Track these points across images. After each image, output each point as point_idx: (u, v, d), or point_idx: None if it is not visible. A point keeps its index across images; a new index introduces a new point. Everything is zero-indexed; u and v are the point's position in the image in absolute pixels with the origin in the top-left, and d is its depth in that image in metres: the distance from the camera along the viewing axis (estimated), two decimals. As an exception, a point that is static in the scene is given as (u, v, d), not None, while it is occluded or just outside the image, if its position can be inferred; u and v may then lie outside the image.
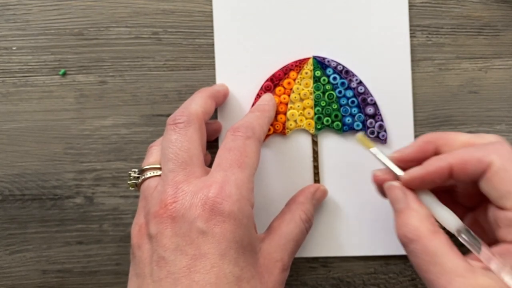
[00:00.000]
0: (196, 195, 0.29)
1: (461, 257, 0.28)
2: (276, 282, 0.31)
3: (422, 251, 0.29)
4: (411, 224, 0.30)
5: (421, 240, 0.29)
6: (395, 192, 0.31)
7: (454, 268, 0.28)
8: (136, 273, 0.30)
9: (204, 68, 0.40)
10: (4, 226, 0.40)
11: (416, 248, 0.29)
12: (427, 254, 0.29)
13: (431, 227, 0.29)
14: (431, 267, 0.28)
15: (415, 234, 0.29)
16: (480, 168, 0.29)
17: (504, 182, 0.28)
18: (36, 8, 0.40)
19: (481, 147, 0.30)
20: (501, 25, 0.39)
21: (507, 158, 0.29)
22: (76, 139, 0.40)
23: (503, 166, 0.28)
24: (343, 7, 0.39)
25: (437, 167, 0.30)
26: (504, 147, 0.29)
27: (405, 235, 0.30)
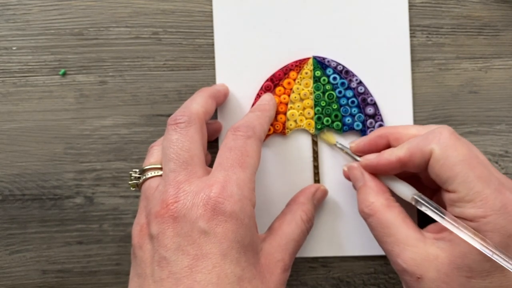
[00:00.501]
0: (197, 195, 0.29)
1: (413, 228, 0.31)
2: (278, 282, 0.31)
3: (377, 224, 0.32)
4: (367, 199, 0.33)
5: (376, 214, 0.32)
6: (354, 172, 0.35)
7: (406, 238, 0.31)
8: (137, 273, 0.30)
9: (204, 68, 0.40)
10: (4, 226, 0.40)
11: (372, 221, 0.33)
12: (382, 226, 0.32)
13: (385, 202, 0.33)
14: (386, 238, 0.32)
15: (371, 209, 0.33)
16: (424, 158, 0.31)
17: (445, 168, 0.30)
18: (36, 8, 0.40)
19: (423, 137, 0.32)
20: (501, 25, 0.40)
21: (446, 145, 0.30)
22: (76, 139, 0.40)
23: (443, 153, 0.30)
24: (343, 7, 0.39)
25: (387, 160, 0.33)
26: (443, 133, 0.31)
27: (363, 210, 0.33)
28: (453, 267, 0.29)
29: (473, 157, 0.30)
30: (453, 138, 0.31)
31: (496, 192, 0.29)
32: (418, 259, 0.30)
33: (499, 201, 0.28)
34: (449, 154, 0.30)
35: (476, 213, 0.29)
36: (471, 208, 0.29)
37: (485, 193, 0.29)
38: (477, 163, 0.30)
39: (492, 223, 0.28)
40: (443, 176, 0.30)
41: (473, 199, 0.29)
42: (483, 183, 0.29)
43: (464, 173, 0.29)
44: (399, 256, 0.31)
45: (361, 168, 0.35)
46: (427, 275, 0.30)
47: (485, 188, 0.29)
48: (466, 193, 0.29)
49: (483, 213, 0.29)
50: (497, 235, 0.28)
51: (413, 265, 0.30)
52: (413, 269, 0.30)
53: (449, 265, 0.29)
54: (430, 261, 0.30)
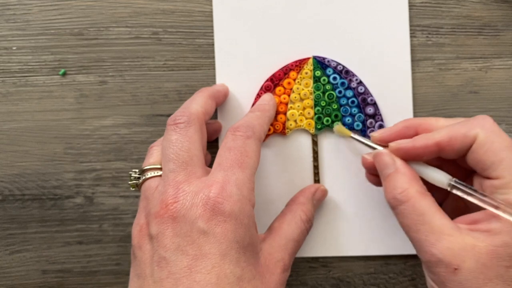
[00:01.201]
0: (197, 195, 0.29)
1: (448, 218, 0.30)
2: (277, 282, 0.31)
3: (411, 211, 0.31)
4: (400, 186, 0.31)
5: (410, 200, 0.31)
6: (383, 159, 0.33)
7: (442, 227, 0.30)
8: (137, 274, 0.30)
9: (204, 68, 0.40)
10: (4, 226, 0.40)
11: (405, 209, 0.31)
12: (416, 213, 0.30)
13: (420, 189, 0.31)
14: (420, 226, 0.30)
15: (404, 195, 0.31)
16: (466, 142, 0.30)
17: (489, 154, 0.30)
18: (36, 8, 0.40)
19: (465, 122, 0.31)
20: (501, 25, 0.40)
21: (491, 130, 0.30)
22: (76, 139, 0.40)
23: (488, 138, 0.30)
24: (343, 7, 0.39)
25: (424, 144, 0.32)
26: (486, 120, 0.31)
27: (394, 197, 0.31)
28: (493, 256, 0.28)
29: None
30: (496, 125, 0.30)
31: None
32: (455, 249, 0.29)
33: None
34: (494, 139, 0.30)
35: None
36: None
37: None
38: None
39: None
40: (487, 161, 0.30)
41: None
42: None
43: (510, 158, 0.29)
44: (435, 245, 0.29)
45: (391, 154, 0.33)
46: (464, 265, 0.29)
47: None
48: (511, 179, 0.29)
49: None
50: None
51: (450, 255, 0.29)
52: (449, 259, 0.29)
53: (488, 254, 0.28)
54: (468, 250, 0.29)
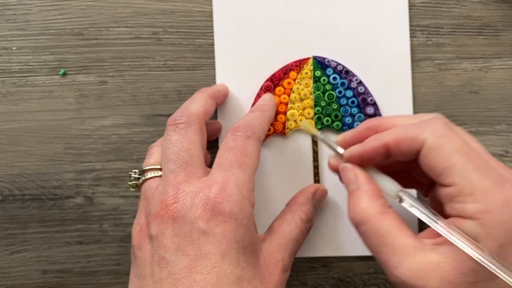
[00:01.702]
0: (196, 195, 0.29)
1: (411, 236, 0.28)
2: (277, 282, 0.31)
3: (371, 233, 0.29)
4: (360, 206, 0.30)
5: (369, 221, 0.29)
6: (347, 174, 0.32)
7: (403, 248, 0.28)
8: (137, 274, 0.30)
9: (204, 68, 0.40)
10: (4, 226, 0.40)
11: (365, 230, 0.29)
12: (376, 235, 0.29)
13: (380, 208, 0.30)
14: (382, 248, 0.29)
15: (364, 216, 0.29)
16: (414, 146, 0.29)
17: (439, 159, 0.28)
18: (36, 8, 0.40)
19: (415, 125, 0.30)
20: (501, 25, 0.39)
21: (440, 134, 0.28)
22: (76, 139, 0.40)
23: (436, 143, 0.28)
24: (343, 7, 0.39)
25: (373, 145, 0.31)
26: (437, 123, 0.29)
27: (354, 217, 0.30)
28: (457, 272, 0.27)
29: (469, 148, 0.28)
30: (447, 128, 0.28)
31: (497, 185, 0.27)
32: (418, 270, 0.27)
33: (500, 195, 0.26)
34: (443, 143, 0.28)
35: (477, 208, 0.26)
36: (472, 203, 0.27)
37: (485, 186, 0.26)
38: (474, 154, 0.28)
39: (495, 219, 0.26)
40: (438, 167, 0.28)
41: (473, 192, 0.27)
42: (483, 175, 0.27)
43: (462, 163, 0.27)
44: (397, 268, 0.28)
45: (355, 169, 0.32)
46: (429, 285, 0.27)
47: (485, 180, 0.27)
48: (465, 186, 0.27)
49: (485, 207, 0.26)
50: (501, 232, 0.26)
51: (413, 276, 0.27)
52: (413, 281, 0.27)
53: (453, 271, 0.27)
54: (431, 269, 0.27)
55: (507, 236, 0.26)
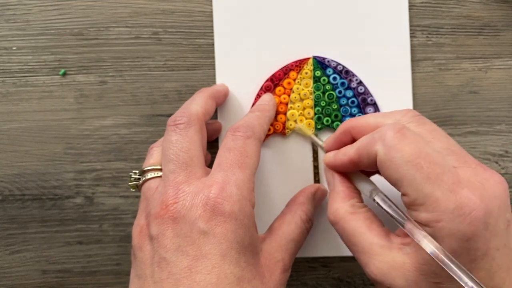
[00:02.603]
0: (197, 195, 0.29)
1: (380, 235, 0.29)
2: (277, 283, 0.31)
3: (342, 232, 0.31)
4: (332, 206, 0.32)
5: (340, 222, 0.31)
6: (326, 175, 0.34)
7: (370, 247, 0.29)
8: (137, 274, 0.30)
9: (204, 68, 0.40)
10: (4, 226, 0.40)
11: (338, 229, 0.31)
12: (346, 234, 0.30)
13: (350, 209, 0.31)
14: (352, 247, 0.30)
15: (335, 216, 0.31)
16: (371, 159, 0.29)
17: (390, 172, 0.28)
18: (36, 8, 0.40)
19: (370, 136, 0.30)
20: (501, 25, 0.40)
21: (389, 146, 0.28)
22: (76, 139, 0.40)
23: (386, 156, 0.28)
24: (343, 7, 0.39)
25: (341, 160, 0.32)
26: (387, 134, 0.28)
27: (328, 217, 0.32)
28: (420, 273, 0.27)
29: (421, 156, 0.27)
30: (398, 137, 0.28)
31: (449, 193, 0.26)
32: (384, 268, 0.28)
33: (452, 203, 0.26)
34: (393, 155, 0.27)
35: (429, 218, 0.27)
36: (424, 212, 0.27)
37: (435, 195, 0.26)
38: (425, 162, 0.27)
39: (447, 228, 0.26)
40: (391, 178, 0.28)
41: (423, 202, 0.27)
42: (433, 184, 0.26)
43: (411, 174, 0.27)
44: (366, 266, 0.29)
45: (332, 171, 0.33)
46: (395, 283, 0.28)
47: (435, 189, 0.26)
48: (416, 196, 0.27)
49: (436, 217, 0.26)
50: (454, 240, 0.26)
51: (380, 274, 0.28)
52: (381, 279, 0.28)
53: (416, 272, 0.27)
54: (397, 269, 0.28)
55: (460, 244, 0.26)
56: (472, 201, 0.26)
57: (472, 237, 0.26)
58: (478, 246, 0.26)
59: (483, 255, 0.26)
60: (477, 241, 0.26)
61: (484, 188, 0.27)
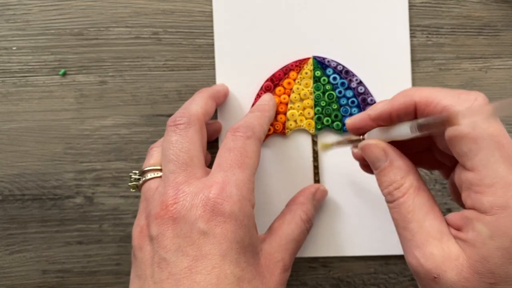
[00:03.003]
0: (196, 196, 0.29)
1: (440, 219, 0.27)
2: (278, 283, 0.31)
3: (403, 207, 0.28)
4: (395, 181, 0.29)
5: (404, 196, 0.28)
6: (373, 151, 0.30)
7: (430, 229, 0.27)
8: (138, 275, 0.30)
9: (204, 68, 0.40)
10: (4, 226, 0.40)
11: (398, 204, 0.29)
12: (407, 210, 0.28)
13: (416, 183, 0.29)
14: (409, 224, 0.28)
15: (399, 191, 0.29)
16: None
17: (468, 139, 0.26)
18: (36, 8, 0.40)
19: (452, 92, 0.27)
20: (501, 25, 0.39)
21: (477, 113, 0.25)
22: (76, 139, 0.40)
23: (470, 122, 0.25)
24: (343, 7, 0.39)
25: (401, 102, 0.29)
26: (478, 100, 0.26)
27: (390, 193, 0.29)
28: (474, 271, 0.25)
29: (505, 135, 0.25)
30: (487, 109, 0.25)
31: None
32: (438, 256, 0.26)
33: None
34: (477, 123, 0.25)
35: (495, 202, 0.24)
36: (490, 196, 0.25)
37: (509, 179, 0.24)
38: (508, 143, 0.25)
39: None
40: (463, 147, 0.26)
41: (494, 183, 0.24)
42: (510, 166, 0.24)
43: (490, 149, 0.25)
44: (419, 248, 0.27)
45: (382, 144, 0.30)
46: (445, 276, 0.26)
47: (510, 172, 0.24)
48: (487, 175, 0.25)
49: (504, 203, 0.24)
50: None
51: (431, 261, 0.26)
52: (430, 267, 0.26)
53: (470, 268, 0.25)
54: (451, 260, 0.26)
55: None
56: None
57: None
58: None
59: None
60: None
61: None
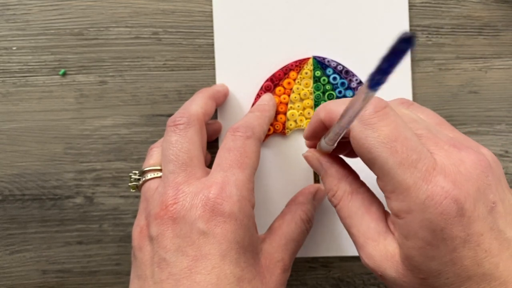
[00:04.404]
0: (196, 196, 0.29)
1: (377, 219, 0.28)
2: (278, 283, 0.31)
3: (341, 214, 0.29)
4: (331, 189, 0.30)
5: (340, 203, 0.30)
6: (312, 162, 0.32)
7: (366, 231, 0.28)
8: (138, 275, 0.30)
9: (204, 68, 0.40)
10: (4, 226, 0.40)
11: (338, 210, 0.30)
12: (345, 216, 0.29)
13: (348, 188, 0.29)
14: (350, 229, 0.29)
15: (335, 198, 0.30)
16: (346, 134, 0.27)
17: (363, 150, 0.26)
18: (36, 8, 0.40)
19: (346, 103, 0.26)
20: (501, 25, 0.39)
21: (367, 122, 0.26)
22: (76, 139, 0.40)
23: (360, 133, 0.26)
24: (343, 7, 0.39)
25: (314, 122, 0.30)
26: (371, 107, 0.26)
27: (330, 200, 0.30)
28: (406, 268, 0.26)
29: (398, 139, 0.25)
30: (379, 115, 0.26)
31: (421, 182, 0.24)
32: (376, 256, 0.27)
33: (423, 192, 0.24)
34: (367, 134, 0.26)
35: (399, 208, 0.25)
36: (394, 201, 0.25)
37: (406, 184, 0.25)
38: (402, 147, 0.25)
39: (418, 220, 0.25)
40: (363, 157, 0.26)
41: (394, 189, 0.25)
42: (405, 171, 0.25)
43: (383, 157, 0.25)
44: (362, 250, 0.28)
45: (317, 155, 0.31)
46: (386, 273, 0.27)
47: (407, 177, 0.25)
48: (387, 182, 0.25)
49: (406, 207, 0.25)
50: (427, 232, 0.24)
51: (372, 262, 0.27)
52: (373, 266, 0.27)
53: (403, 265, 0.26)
54: (388, 259, 0.27)
55: (434, 235, 0.25)
56: (444, 189, 0.24)
57: (446, 226, 0.24)
58: (455, 235, 0.24)
59: (464, 242, 0.24)
60: (452, 230, 0.24)
61: (458, 171, 0.25)
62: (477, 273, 0.25)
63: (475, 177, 0.25)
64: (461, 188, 0.24)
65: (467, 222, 0.24)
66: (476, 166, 0.25)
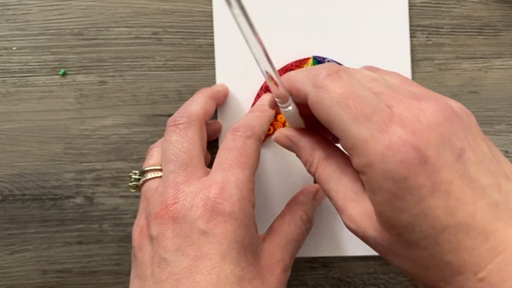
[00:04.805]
0: (196, 195, 0.30)
1: (353, 180, 0.27)
2: (278, 283, 0.31)
3: (320, 180, 0.29)
4: (307, 159, 0.30)
5: (317, 171, 0.29)
6: (282, 142, 0.31)
7: (345, 192, 0.27)
8: (138, 275, 0.30)
9: (204, 68, 0.40)
10: (4, 226, 0.40)
11: (317, 178, 0.29)
12: (324, 182, 0.29)
13: (323, 154, 0.29)
14: (329, 193, 0.28)
15: (312, 167, 0.29)
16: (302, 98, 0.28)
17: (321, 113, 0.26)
18: (36, 8, 0.40)
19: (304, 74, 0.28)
20: (501, 25, 0.40)
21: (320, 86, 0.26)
22: (76, 139, 0.40)
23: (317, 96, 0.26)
24: (343, 7, 0.39)
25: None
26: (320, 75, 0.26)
27: (308, 170, 0.30)
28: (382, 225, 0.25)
29: (351, 96, 0.25)
30: (332, 78, 0.26)
31: (377, 133, 0.24)
32: (356, 216, 0.26)
33: (380, 143, 0.24)
34: (322, 96, 0.26)
35: (361, 162, 0.25)
36: (356, 157, 0.25)
37: (363, 137, 0.24)
38: (354, 102, 0.25)
39: (379, 171, 0.24)
40: (323, 121, 0.26)
41: (352, 145, 0.25)
42: (360, 125, 0.25)
43: (338, 115, 0.25)
44: (343, 213, 0.27)
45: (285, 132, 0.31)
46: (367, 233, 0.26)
47: (363, 130, 0.24)
48: (346, 138, 0.25)
49: (366, 160, 0.24)
50: (390, 183, 0.24)
51: (354, 223, 0.27)
52: (355, 227, 0.27)
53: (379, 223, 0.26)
54: (366, 218, 0.26)
55: (398, 185, 0.24)
56: (401, 138, 0.24)
57: (408, 175, 0.23)
58: (420, 183, 0.23)
59: (431, 191, 0.23)
60: (416, 178, 0.23)
61: (418, 121, 0.24)
62: (451, 223, 0.23)
63: (436, 124, 0.24)
64: (420, 136, 0.24)
65: (432, 170, 0.23)
66: (437, 114, 0.24)
